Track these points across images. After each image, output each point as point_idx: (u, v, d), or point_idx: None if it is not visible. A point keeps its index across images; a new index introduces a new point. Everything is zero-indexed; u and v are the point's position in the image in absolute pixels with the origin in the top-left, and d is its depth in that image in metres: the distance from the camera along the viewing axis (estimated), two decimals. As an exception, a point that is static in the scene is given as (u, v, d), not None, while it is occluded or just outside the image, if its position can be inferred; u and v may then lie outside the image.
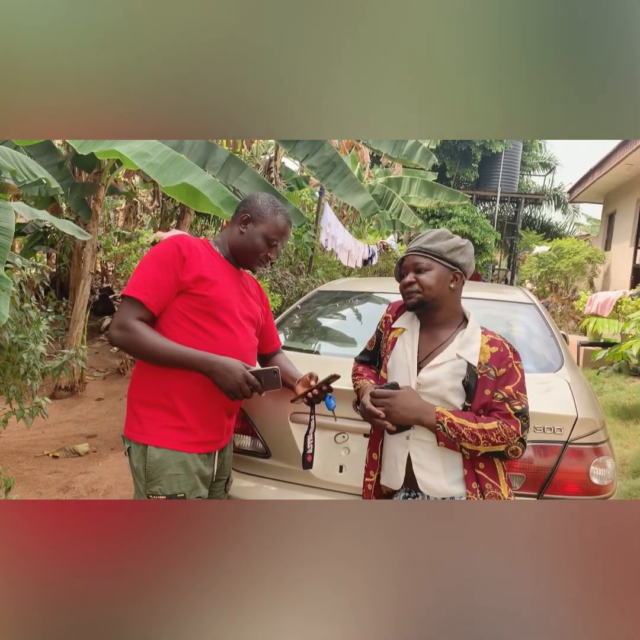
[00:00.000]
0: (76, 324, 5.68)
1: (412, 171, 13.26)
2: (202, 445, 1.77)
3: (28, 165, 3.11)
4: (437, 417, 1.52)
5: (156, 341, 1.67)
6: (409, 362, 1.64)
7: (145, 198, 11.85)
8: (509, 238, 22.58)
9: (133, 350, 1.69)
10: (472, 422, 1.51)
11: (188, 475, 1.72)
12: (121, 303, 1.73)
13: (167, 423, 1.71)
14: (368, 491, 1.72)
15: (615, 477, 1.93)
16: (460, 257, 1.65)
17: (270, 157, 8.95)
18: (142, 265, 1.74)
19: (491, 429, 1.50)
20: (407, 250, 1.69)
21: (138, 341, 1.66)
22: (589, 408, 1.96)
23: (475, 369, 1.56)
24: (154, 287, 1.69)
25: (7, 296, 2.13)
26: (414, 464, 1.59)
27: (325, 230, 8.43)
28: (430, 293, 1.60)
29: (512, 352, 1.60)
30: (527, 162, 23.86)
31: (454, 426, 1.51)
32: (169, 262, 1.71)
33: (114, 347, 7.22)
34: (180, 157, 4.10)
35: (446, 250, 1.63)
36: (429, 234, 1.68)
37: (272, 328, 2.10)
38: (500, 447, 1.51)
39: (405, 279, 1.65)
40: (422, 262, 1.62)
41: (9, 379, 2.78)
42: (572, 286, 13.95)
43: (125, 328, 1.67)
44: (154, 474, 1.69)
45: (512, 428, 1.51)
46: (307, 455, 1.86)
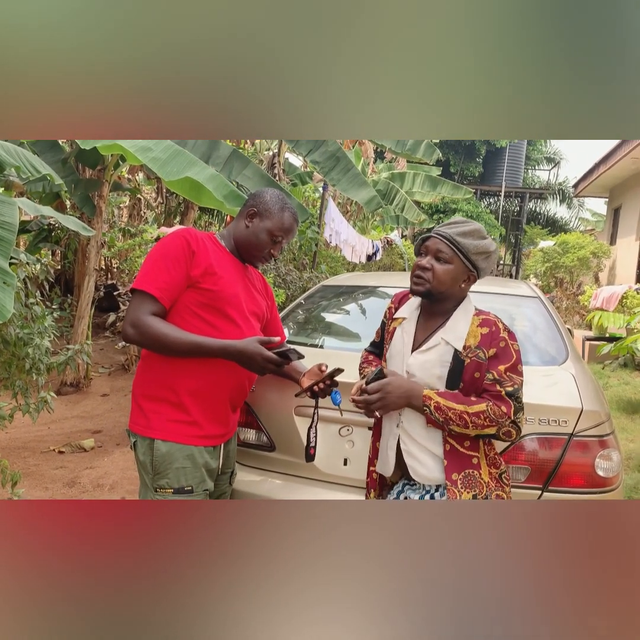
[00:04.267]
0: (81, 320, 5.69)
1: (415, 166, 13.21)
2: (208, 438, 1.77)
3: (32, 162, 3.11)
4: (424, 400, 1.51)
5: (175, 335, 1.66)
6: (404, 349, 1.64)
7: (149, 195, 11.85)
8: (513, 233, 22.51)
9: (151, 345, 1.69)
10: (460, 405, 1.49)
11: (195, 469, 1.72)
12: (132, 298, 1.72)
13: (173, 417, 1.71)
14: (373, 480, 1.72)
15: (620, 469, 1.92)
16: (483, 262, 1.60)
17: (273, 153, 8.93)
18: (152, 259, 1.72)
19: (479, 411, 1.48)
20: (436, 229, 1.62)
21: (155, 336, 1.65)
22: (594, 400, 1.96)
23: (460, 354, 1.54)
24: (166, 281, 1.68)
25: (12, 291, 2.14)
26: (403, 452, 1.60)
27: (329, 225, 8.41)
28: (440, 287, 1.58)
29: (505, 331, 1.56)
30: (532, 157, 23.78)
31: (440, 409, 1.49)
32: (179, 256, 1.70)
33: (119, 344, 7.24)
34: (183, 151, 4.10)
35: (474, 250, 1.58)
36: (465, 225, 1.61)
37: (277, 322, 2.10)
38: (490, 429, 1.49)
39: (422, 261, 1.59)
40: (445, 253, 1.57)
41: (14, 374, 2.79)
42: (577, 281, 13.89)
43: (140, 325, 1.66)
44: (162, 467, 1.69)
45: (503, 409, 1.48)
46: (310, 448, 1.86)
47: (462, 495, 1.50)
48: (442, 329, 1.60)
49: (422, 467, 1.57)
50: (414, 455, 1.58)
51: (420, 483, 1.60)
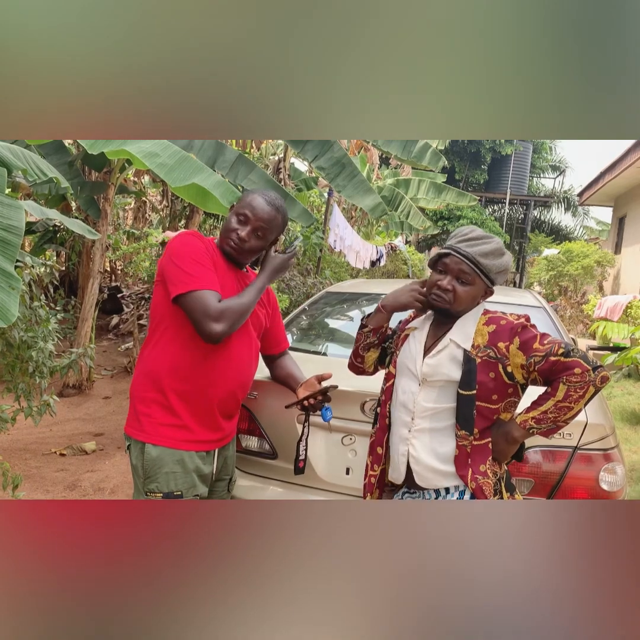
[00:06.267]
0: (85, 322, 5.70)
1: (421, 172, 13.23)
2: (200, 443, 1.76)
3: (39, 164, 3.12)
4: (523, 425, 1.50)
5: (248, 299, 1.71)
6: (416, 356, 1.63)
7: (154, 197, 11.90)
8: (517, 241, 22.48)
9: (240, 321, 1.70)
10: (548, 402, 1.47)
11: (185, 473, 1.71)
12: (189, 302, 1.63)
13: (164, 420, 1.71)
14: (371, 484, 1.71)
15: (625, 483, 1.91)
16: (500, 277, 1.60)
17: (279, 158, 8.95)
18: (183, 260, 1.67)
19: (564, 390, 1.44)
20: (456, 245, 1.57)
21: (240, 311, 1.67)
22: (598, 413, 1.95)
23: (470, 353, 1.54)
24: (208, 274, 1.67)
25: (17, 295, 2.14)
26: (411, 457, 1.59)
27: (333, 231, 8.42)
28: (459, 307, 1.58)
29: (516, 320, 1.56)
30: (537, 165, 23.77)
31: (541, 419, 1.48)
32: (203, 252, 1.71)
33: (122, 346, 7.25)
34: (190, 157, 4.10)
35: (495, 270, 1.57)
36: (486, 243, 1.56)
37: (280, 329, 2.08)
38: (589, 392, 1.43)
39: (443, 282, 1.55)
40: (468, 275, 1.54)
41: (17, 376, 2.80)
42: (582, 289, 13.86)
43: (221, 315, 1.62)
44: (151, 471, 1.69)
45: (577, 371, 1.43)
46: (299, 461, 1.86)
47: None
48: (450, 331, 1.60)
49: (428, 470, 1.57)
50: (421, 460, 1.57)
51: (420, 491, 1.59)
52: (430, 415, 1.57)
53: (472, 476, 1.52)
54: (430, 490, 1.58)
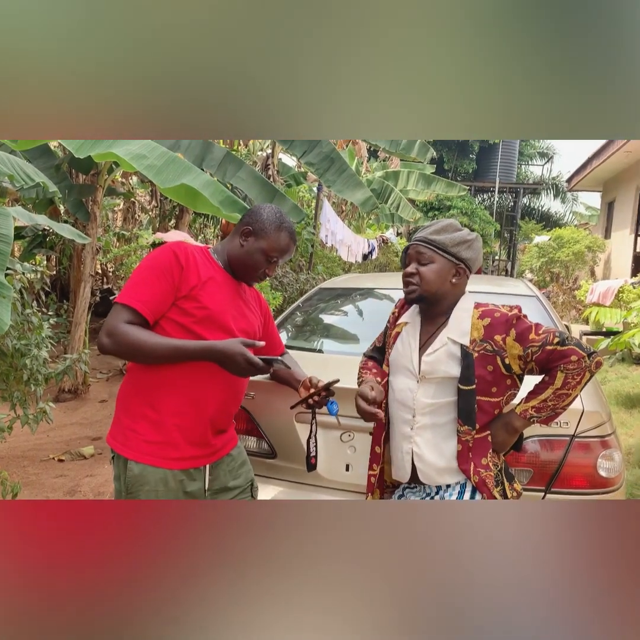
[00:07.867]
0: (78, 326, 5.68)
1: (409, 164, 13.21)
2: (185, 460, 1.70)
3: (25, 169, 3.09)
4: (524, 415, 1.54)
5: (153, 340, 1.60)
6: (411, 353, 1.64)
7: (143, 198, 11.83)
8: (508, 229, 22.54)
9: (128, 353, 1.62)
10: (546, 390, 1.51)
11: (167, 492, 1.67)
12: (112, 310, 1.65)
13: (150, 438, 1.66)
14: (371, 484, 1.72)
15: (622, 469, 1.92)
16: (465, 251, 1.61)
17: (267, 154, 8.92)
18: (138, 272, 1.67)
19: (561, 378, 1.49)
20: (413, 238, 1.67)
21: (132, 344, 1.58)
22: (594, 401, 1.96)
23: (467, 348, 1.55)
24: (149, 293, 1.63)
25: (9, 303, 2.12)
26: (414, 455, 1.60)
27: (324, 226, 8.41)
28: (429, 287, 1.59)
29: (510, 312, 1.58)
30: (525, 152, 23.79)
31: (541, 408, 1.52)
32: (166, 270, 1.65)
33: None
34: (178, 158, 4.08)
35: (451, 243, 1.60)
36: (437, 224, 1.65)
37: (274, 335, 2.06)
38: (585, 378, 1.49)
39: (407, 269, 1.64)
40: (425, 254, 1.60)
41: (12, 385, 2.78)
42: (573, 275, 13.92)
43: (116, 334, 1.58)
44: (133, 488, 1.66)
45: (573, 358, 1.47)
46: (310, 457, 1.86)
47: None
48: (446, 328, 1.61)
49: (432, 468, 1.57)
50: (425, 458, 1.58)
51: (421, 485, 1.60)
52: (430, 411, 1.58)
53: (475, 470, 1.53)
54: (431, 485, 1.59)
